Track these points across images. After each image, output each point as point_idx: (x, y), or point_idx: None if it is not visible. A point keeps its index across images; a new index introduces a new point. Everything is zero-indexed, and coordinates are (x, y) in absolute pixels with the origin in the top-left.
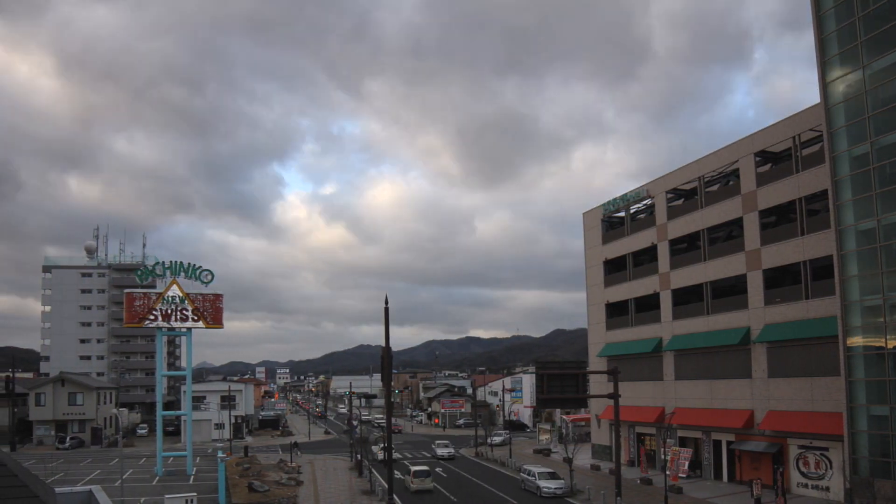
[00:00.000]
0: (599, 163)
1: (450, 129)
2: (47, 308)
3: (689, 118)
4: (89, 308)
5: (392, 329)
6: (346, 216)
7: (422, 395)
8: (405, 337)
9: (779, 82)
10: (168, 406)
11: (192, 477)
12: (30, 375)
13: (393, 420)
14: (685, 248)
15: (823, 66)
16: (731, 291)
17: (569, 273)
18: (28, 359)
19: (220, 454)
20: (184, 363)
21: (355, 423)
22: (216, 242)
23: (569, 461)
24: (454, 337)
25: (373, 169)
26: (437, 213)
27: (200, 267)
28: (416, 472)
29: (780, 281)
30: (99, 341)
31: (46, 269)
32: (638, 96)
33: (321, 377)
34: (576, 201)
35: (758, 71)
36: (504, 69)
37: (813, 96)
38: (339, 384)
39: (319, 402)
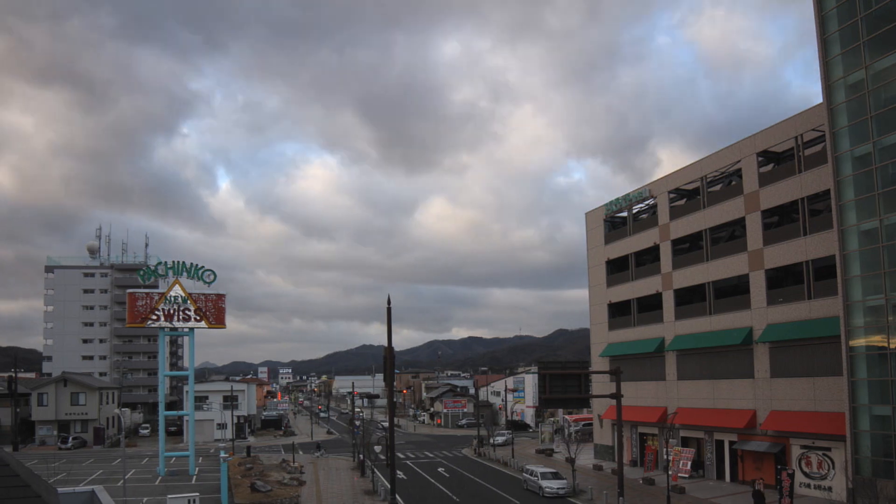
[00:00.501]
0: (529, 137)
1: (353, 104)
2: (50, 308)
3: (614, 75)
4: (92, 308)
5: (372, 328)
6: (272, 204)
7: (424, 395)
8: (408, 337)
9: (707, 28)
10: (170, 406)
11: (195, 477)
12: (32, 375)
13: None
14: (687, 248)
15: (826, 66)
16: (733, 291)
17: (541, 269)
18: (30, 359)
19: (222, 454)
20: (186, 363)
21: (357, 423)
22: (147, 232)
23: (571, 461)
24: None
25: (276, 150)
26: (371, 201)
27: (203, 267)
28: None
29: (783, 281)
30: (101, 341)
31: (49, 268)
32: (553, 54)
33: (323, 377)
34: (513, 186)
35: (683, 15)
36: (392, 23)
37: (749, 41)
38: (342, 384)
39: (324, 407)
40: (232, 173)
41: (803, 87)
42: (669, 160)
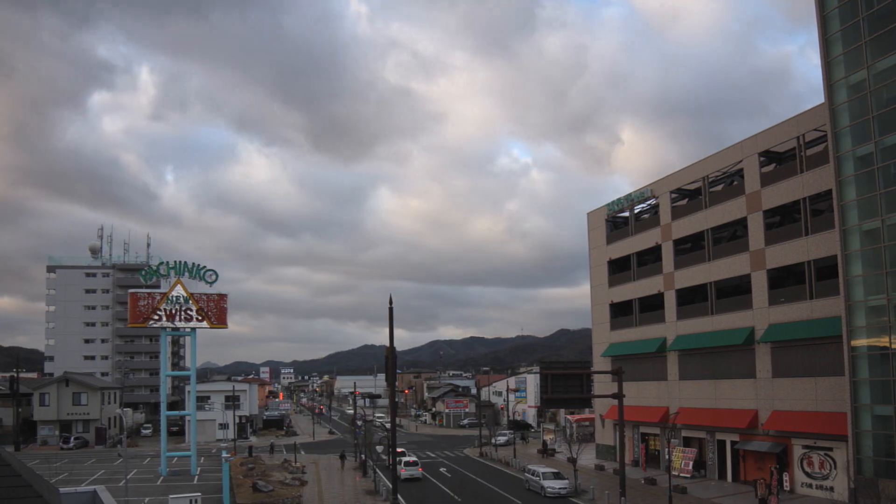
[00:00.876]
0: (468, 120)
1: (269, 88)
2: (52, 308)
3: (541, 42)
4: (93, 308)
5: (353, 326)
6: (216, 196)
7: (426, 394)
8: (409, 337)
9: None
10: (172, 406)
11: (197, 477)
12: (34, 375)
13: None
14: (689, 248)
15: (828, 66)
16: (735, 291)
17: (519, 265)
18: (32, 359)
19: (223, 454)
20: (188, 363)
21: (359, 423)
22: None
23: (573, 461)
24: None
25: (198, 134)
26: (319, 193)
27: (205, 267)
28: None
29: (785, 281)
30: (103, 341)
31: (51, 269)
32: (471, 20)
33: (325, 377)
34: (459, 175)
35: None
36: None
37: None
38: (344, 384)
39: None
40: (166, 163)
41: (751, 40)
42: (632, 139)
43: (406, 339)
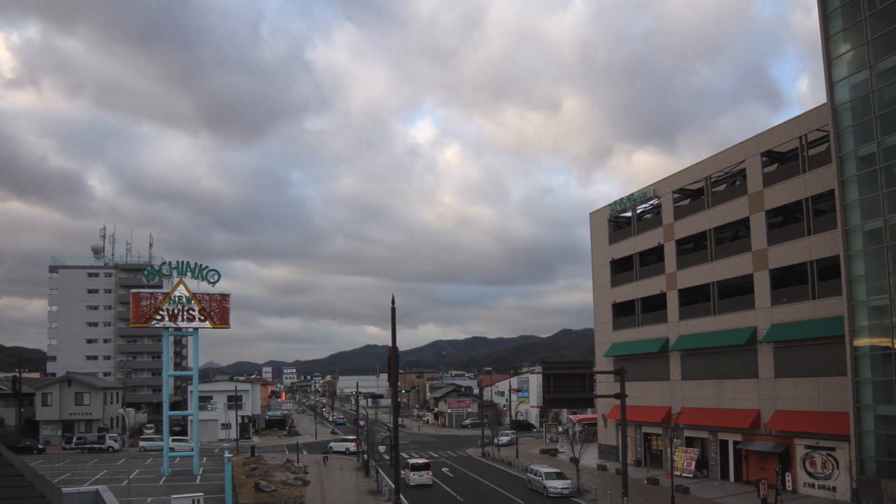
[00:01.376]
0: (370, 90)
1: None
2: (54, 308)
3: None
4: (96, 308)
5: (338, 328)
6: (131, 183)
7: (428, 395)
8: (412, 337)
9: None
10: (175, 406)
11: (199, 477)
12: (36, 375)
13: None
14: (692, 248)
15: (830, 66)
16: (737, 291)
17: (490, 260)
18: (34, 359)
19: (226, 454)
20: (190, 363)
21: (362, 423)
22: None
23: (575, 461)
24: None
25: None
26: (245, 182)
27: (207, 267)
28: None
29: (787, 281)
30: (105, 341)
31: (53, 269)
32: None
33: (327, 377)
34: (371, 154)
35: None
36: None
37: None
38: (346, 384)
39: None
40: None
41: None
42: (570, 105)
43: (405, 339)
